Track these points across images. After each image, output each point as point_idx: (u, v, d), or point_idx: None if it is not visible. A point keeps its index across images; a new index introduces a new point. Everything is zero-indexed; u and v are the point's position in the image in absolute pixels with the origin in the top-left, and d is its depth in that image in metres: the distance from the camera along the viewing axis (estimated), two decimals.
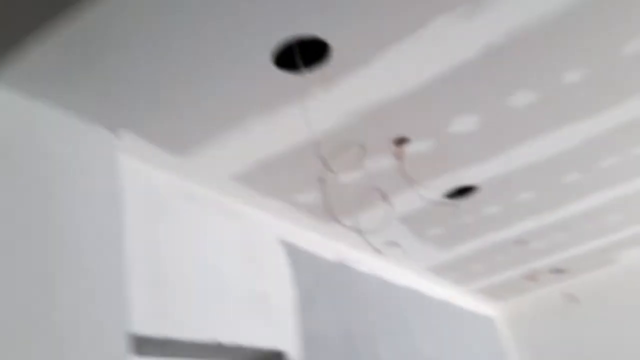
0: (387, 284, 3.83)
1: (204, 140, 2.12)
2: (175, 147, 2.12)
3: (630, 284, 5.86)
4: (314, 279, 2.95)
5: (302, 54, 1.79)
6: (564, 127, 2.71)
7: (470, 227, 3.67)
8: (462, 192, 3.12)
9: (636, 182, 3.66)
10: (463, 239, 3.86)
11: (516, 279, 5.26)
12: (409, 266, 4.19)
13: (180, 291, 2.04)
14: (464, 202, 3.23)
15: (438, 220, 3.44)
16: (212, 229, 2.39)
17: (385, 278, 3.84)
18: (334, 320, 2.96)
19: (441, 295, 4.84)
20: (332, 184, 2.59)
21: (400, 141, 2.50)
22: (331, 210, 2.78)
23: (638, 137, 3.00)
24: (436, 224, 3.48)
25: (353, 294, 3.30)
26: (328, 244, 3.25)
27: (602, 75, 2.34)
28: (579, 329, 5.98)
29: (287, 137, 2.24)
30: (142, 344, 1.79)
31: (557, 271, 5.31)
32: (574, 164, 3.15)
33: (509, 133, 2.65)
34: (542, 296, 6.14)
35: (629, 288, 5.86)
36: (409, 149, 2.54)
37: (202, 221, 2.35)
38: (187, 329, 1.99)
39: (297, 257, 2.90)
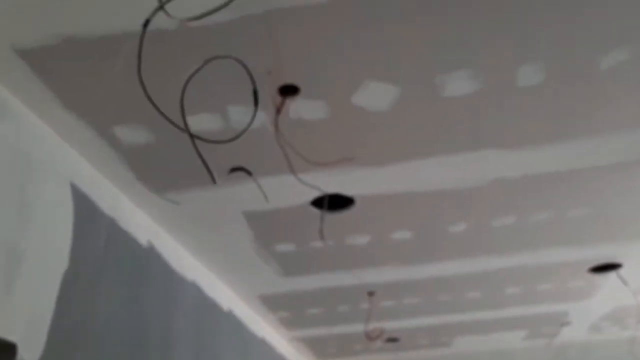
0: (205, 299, 2.98)
1: None
2: None
3: None
4: (104, 253, 2.03)
5: None
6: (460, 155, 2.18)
7: (326, 255, 2.99)
8: (336, 202, 2.45)
9: (500, 260, 3.28)
10: (312, 267, 3.16)
11: (348, 338, 4.66)
12: (237, 288, 3.39)
13: None
14: (332, 217, 2.56)
15: (291, 234, 2.71)
16: None
17: (205, 291, 2.99)
18: (120, 317, 2.04)
19: (263, 333, 4.06)
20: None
21: (287, 90, 1.77)
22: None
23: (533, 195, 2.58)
24: (288, 237, 2.75)
25: (156, 293, 2.40)
26: (141, 221, 2.36)
27: None
28: None
29: None
30: None
31: (392, 340, 4.81)
32: (461, 212, 2.65)
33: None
34: None
35: None
36: (294, 105, 1.82)
37: None
38: None
39: (91, 216, 1.97)
